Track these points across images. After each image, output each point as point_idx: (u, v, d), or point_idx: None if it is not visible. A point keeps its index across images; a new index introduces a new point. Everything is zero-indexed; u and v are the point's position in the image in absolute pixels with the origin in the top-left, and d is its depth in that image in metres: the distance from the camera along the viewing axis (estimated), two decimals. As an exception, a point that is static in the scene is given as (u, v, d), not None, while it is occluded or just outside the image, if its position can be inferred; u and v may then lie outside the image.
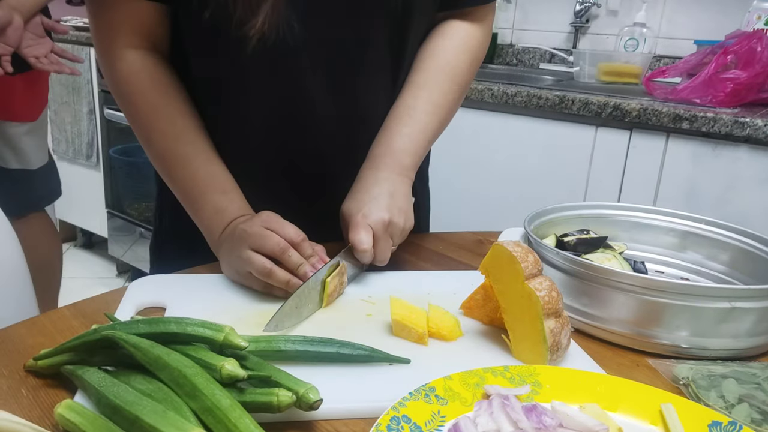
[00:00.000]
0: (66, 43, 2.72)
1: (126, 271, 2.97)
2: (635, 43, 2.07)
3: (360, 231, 0.71)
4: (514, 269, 0.57)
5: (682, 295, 0.60)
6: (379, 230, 0.72)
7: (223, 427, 0.43)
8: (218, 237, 0.74)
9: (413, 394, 0.48)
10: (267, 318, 0.64)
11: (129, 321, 0.55)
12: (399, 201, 0.75)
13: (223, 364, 0.48)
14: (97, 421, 0.45)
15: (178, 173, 0.76)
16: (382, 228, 0.72)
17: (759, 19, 1.70)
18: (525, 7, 2.40)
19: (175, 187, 0.78)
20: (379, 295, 0.70)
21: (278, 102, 0.79)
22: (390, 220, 0.73)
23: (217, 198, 0.75)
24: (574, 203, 0.84)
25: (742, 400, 0.53)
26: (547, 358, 0.56)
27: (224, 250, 0.72)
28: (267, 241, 0.67)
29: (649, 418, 0.50)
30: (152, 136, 0.76)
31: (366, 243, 0.70)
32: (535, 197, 1.71)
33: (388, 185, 0.76)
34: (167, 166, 0.77)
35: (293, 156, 0.84)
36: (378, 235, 0.72)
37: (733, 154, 1.43)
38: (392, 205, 0.74)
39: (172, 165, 0.76)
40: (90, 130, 2.76)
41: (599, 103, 1.55)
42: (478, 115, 1.78)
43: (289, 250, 0.67)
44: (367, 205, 0.73)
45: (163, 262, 0.95)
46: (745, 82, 1.49)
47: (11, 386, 0.52)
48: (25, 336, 0.60)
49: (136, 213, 2.70)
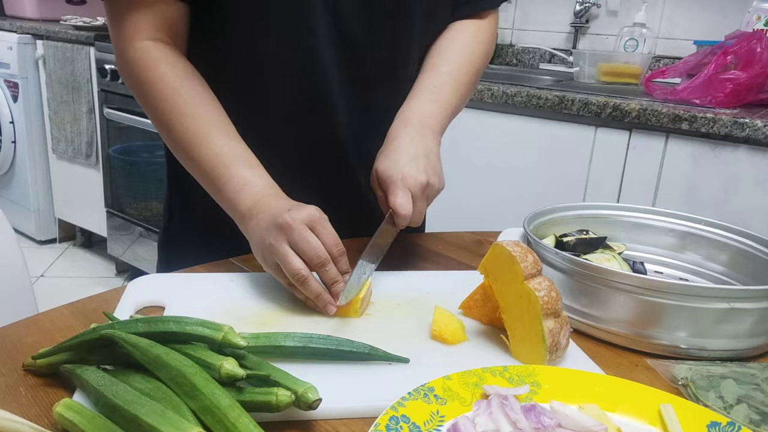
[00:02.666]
0: (66, 43, 2.72)
1: (125, 270, 2.97)
2: (635, 43, 2.07)
3: (400, 195, 0.70)
4: (514, 269, 0.57)
5: (681, 296, 0.60)
6: (418, 193, 0.72)
7: (222, 427, 0.43)
8: (246, 210, 0.70)
9: (412, 394, 0.48)
10: (267, 318, 0.64)
11: (128, 320, 0.55)
12: (433, 161, 0.76)
13: (222, 363, 0.48)
14: (96, 420, 0.45)
15: (201, 151, 0.73)
16: (420, 191, 0.72)
17: (759, 20, 1.70)
18: (525, 8, 2.40)
19: (197, 165, 0.74)
20: (379, 295, 0.70)
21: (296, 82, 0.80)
22: (427, 182, 0.73)
23: (244, 171, 0.72)
24: (574, 203, 0.84)
25: (741, 400, 0.53)
26: (546, 358, 0.56)
27: (254, 227, 0.69)
28: (308, 247, 0.64)
29: (648, 419, 0.50)
30: (173, 119, 0.74)
31: (408, 208, 0.70)
32: (535, 197, 1.71)
33: (423, 145, 0.76)
34: (189, 147, 0.74)
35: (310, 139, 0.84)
36: (416, 197, 0.72)
37: (732, 155, 1.43)
38: (428, 166, 0.74)
39: (194, 144, 0.74)
40: (89, 129, 2.76)
41: (599, 103, 1.55)
42: (478, 115, 1.78)
43: (328, 264, 0.64)
44: (406, 166, 0.72)
45: (172, 260, 0.94)
46: (744, 82, 1.49)
47: (10, 385, 0.52)
48: (24, 335, 0.60)
49: (136, 212, 2.69)
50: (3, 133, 3.04)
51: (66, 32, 2.71)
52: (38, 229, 3.17)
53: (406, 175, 0.72)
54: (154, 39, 0.75)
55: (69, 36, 2.70)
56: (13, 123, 3.01)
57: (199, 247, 0.81)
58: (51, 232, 3.22)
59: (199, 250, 0.80)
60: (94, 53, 2.62)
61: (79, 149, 2.84)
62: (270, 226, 0.66)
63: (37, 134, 3.03)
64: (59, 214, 3.17)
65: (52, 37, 2.80)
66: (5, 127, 3.03)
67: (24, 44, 2.88)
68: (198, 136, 0.73)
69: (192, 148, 0.74)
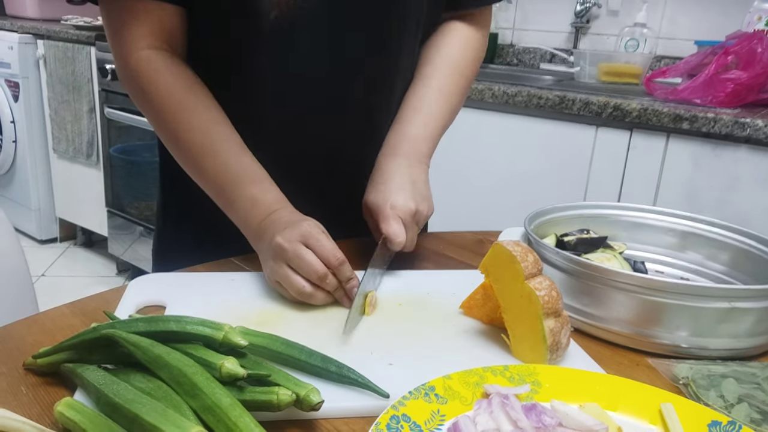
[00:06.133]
0: (67, 42, 2.72)
1: (126, 269, 2.97)
2: (636, 43, 2.07)
3: (392, 223, 0.73)
4: (514, 269, 0.57)
5: (682, 295, 0.60)
6: (408, 220, 0.74)
7: (223, 426, 0.43)
8: (256, 230, 0.72)
9: (413, 393, 0.48)
10: (268, 317, 0.64)
11: (128, 319, 0.55)
12: (421, 188, 0.78)
13: (222, 362, 0.48)
14: (97, 420, 0.45)
15: (209, 166, 0.74)
16: (410, 217, 0.74)
17: (759, 20, 1.70)
18: (525, 7, 2.40)
19: (206, 180, 0.75)
20: (380, 294, 0.70)
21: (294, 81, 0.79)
22: (416, 209, 0.75)
23: (250, 189, 0.73)
24: (574, 203, 0.84)
25: (742, 399, 0.53)
26: (546, 357, 0.56)
27: (262, 247, 0.70)
28: (303, 264, 0.65)
29: (648, 418, 0.50)
30: (179, 132, 0.74)
31: (401, 234, 0.72)
32: (535, 197, 1.71)
33: (409, 173, 0.78)
34: (197, 161, 0.75)
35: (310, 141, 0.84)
36: (407, 224, 0.74)
37: (733, 155, 1.43)
38: (416, 193, 0.76)
39: (201, 159, 0.74)
40: (90, 128, 2.76)
41: (599, 103, 1.55)
42: (478, 115, 1.78)
43: (327, 278, 0.65)
44: (393, 195, 0.75)
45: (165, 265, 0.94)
46: (745, 82, 1.49)
47: (11, 384, 0.52)
48: (25, 334, 0.60)
49: (136, 212, 2.70)
50: (4, 132, 3.05)
51: (67, 32, 2.72)
52: (39, 229, 3.18)
53: (395, 203, 0.74)
54: (154, 48, 0.74)
55: (70, 36, 2.71)
56: (14, 122, 3.02)
57: (194, 251, 0.81)
58: (52, 231, 3.23)
59: (195, 253, 0.80)
60: (94, 53, 2.62)
61: (80, 149, 2.84)
62: (270, 250, 0.68)
63: (37, 134, 3.04)
64: (60, 213, 3.17)
65: (53, 36, 2.80)
66: (6, 126, 3.03)
67: (25, 44, 2.88)
68: (205, 150, 0.74)
69: (201, 163, 0.75)
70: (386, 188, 0.76)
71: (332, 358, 0.54)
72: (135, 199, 2.70)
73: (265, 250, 0.69)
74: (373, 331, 0.62)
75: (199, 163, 0.75)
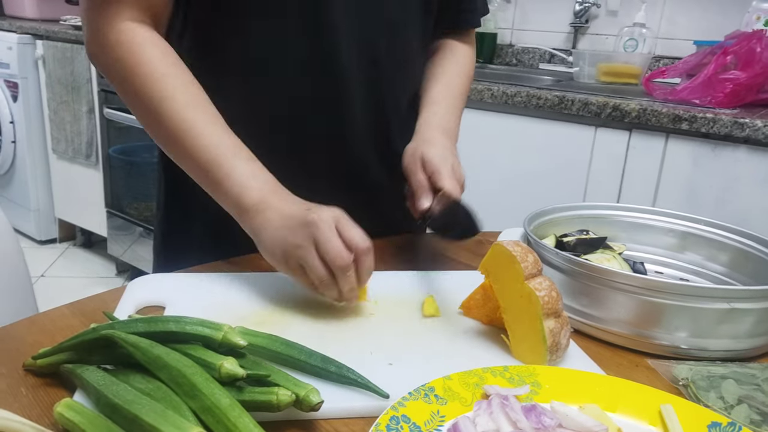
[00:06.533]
0: (66, 43, 2.72)
1: (125, 270, 2.97)
2: (635, 43, 2.07)
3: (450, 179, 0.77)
4: (514, 269, 0.57)
5: (682, 296, 0.60)
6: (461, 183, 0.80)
7: (223, 427, 0.43)
8: (252, 205, 0.68)
9: (413, 394, 0.48)
10: (267, 318, 0.64)
11: (128, 320, 0.55)
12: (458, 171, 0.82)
13: (222, 362, 0.48)
14: (97, 420, 0.45)
15: (197, 141, 0.70)
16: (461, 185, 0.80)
17: (758, 20, 1.70)
18: (524, 7, 2.40)
19: (191, 155, 0.71)
20: (380, 294, 0.70)
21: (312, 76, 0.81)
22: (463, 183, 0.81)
23: (248, 164, 0.71)
24: (574, 203, 0.84)
25: (742, 401, 0.53)
26: (546, 358, 0.56)
27: (262, 223, 0.68)
28: (331, 246, 0.63)
29: (648, 419, 0.50)
30: (164, 106, 0.70)
31: (457, 192, 0.77)
32: (535, 197, 1.71)
33: (453, 152, 0.83)
34: (182, 136, 0.71)
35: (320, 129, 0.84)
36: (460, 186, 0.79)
37: (732, 155, 1.43)
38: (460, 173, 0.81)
39: (188, 133, 0.70)
40: (89, 129, 2.76)
41: (599, 103, 1.55)
42: (477, 115, 1.78)
43: (349, 269, 0.63)
44: (453, 159, 0.80)
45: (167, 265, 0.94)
46: (744, 82, 1.49)
47: (10, 385, 0.52)
48: (25, 335, 0.60)
49: (136, 212, 2.69)
50: (3, 133, 3.04)
51: (66, 32, 2.71)
52: (38, 229, 3.17)
53: (455, 167, 0.79)
54: (138, 21, 0.72)
55: (69, 36, 2.70)
56: (13, 123, 3.01)
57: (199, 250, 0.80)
58: (51, 232, 3.22)
59: (200, 253, 0.79)
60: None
61: (79, 149, 2.84)
62: (295, 225, 0.65)
63: (37, 134, 3.03)
64: (59, 214, 3.17)
65: (52, 37, 2.80)
66: (5, 127, 3.03)
67: (24, 44, 2.88)
68: (192, 125, 0.70)
69: (186, 137, 0.71)
70: (442, 152, 0.80)
71: (332, 359, 0.54)
72: (134, 199, 2.70)
73: (272, 228, 0.66)
74: (373, 331, 0.62)
75: (184, 139, 0.71)
